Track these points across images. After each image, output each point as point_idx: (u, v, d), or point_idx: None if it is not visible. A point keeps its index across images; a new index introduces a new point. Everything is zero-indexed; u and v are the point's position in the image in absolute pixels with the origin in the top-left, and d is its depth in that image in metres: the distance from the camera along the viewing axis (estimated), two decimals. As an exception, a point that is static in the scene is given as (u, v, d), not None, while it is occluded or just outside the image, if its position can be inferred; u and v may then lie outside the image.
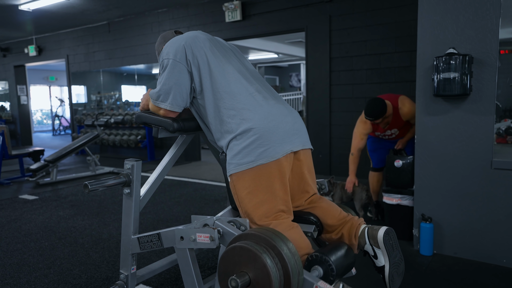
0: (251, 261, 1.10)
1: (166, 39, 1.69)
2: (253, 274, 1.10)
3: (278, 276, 1.09)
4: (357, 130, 3.11)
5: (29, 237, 2.96)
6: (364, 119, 3.03)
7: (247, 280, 1.10)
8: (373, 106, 2.84)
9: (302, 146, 1.44)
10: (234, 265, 1.14)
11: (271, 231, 1.17)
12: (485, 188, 2.34)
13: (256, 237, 1.14)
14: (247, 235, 1.17)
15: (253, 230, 1.18)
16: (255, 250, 1.10)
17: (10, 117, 9.61)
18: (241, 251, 1.12)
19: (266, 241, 1.12)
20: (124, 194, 1.62)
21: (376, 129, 3.07)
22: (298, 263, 1.13)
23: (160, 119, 1.56)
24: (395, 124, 3.00)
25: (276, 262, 1.10)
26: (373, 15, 4.48)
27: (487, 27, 2.24)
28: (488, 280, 2.17)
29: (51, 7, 6.02)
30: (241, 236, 1.18)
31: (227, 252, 1.16)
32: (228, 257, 1.16)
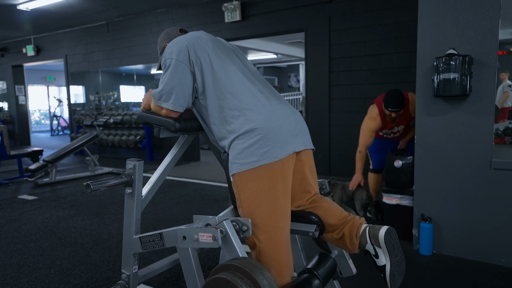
0: None
1: (169, 36, 1.68)
2: None
3: None
4: (366, 127, 3.06)
5: (29, 237, 2.96)
6: (374, 116, 3.01)
7: None
8: (395, 96, 2.84)
9: (304, 147, 1.44)
10: None
11: (253, 263, 1.22)
12: (485, 188, 2.35)
13: (237, 269, 1.20)
14: (229, 266, 1.23)
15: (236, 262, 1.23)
16: (235, 282, 1.16)
17: (8, 117, 9.58)
18: (222, 283, 1.18)
19: (247, 274, 1.18)
20: (126, 194, 1.62)
21: (386, 125, 3.05)
22: None
23: (162, 119, 1.56)
24: (403, 120, 3.01)
25: None
26: (373, 16, 4.49)
27: (487, 28, 2.25)
28: (488, 280, 2.18)
29: (49, 7, 6.01)
30: (224, 267, 1.24)
31: (209, 282, 1.22)
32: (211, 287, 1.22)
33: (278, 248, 1.35)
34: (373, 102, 3.09)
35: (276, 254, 1.35)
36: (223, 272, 1.22)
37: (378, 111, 3.00)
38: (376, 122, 3.02)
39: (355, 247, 1.44)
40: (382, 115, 2.99)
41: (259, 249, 1.36)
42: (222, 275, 1.20)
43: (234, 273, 1.20)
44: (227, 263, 1.24)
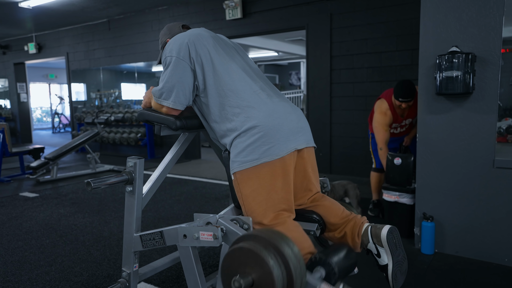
0: (255, 262, 1.10)
1: (171, 31, 1.67)
2: (256, 276, 1.10)
3: (281, 278, 1.08)
4: (379, 123, 3.02)
5: (30, 235, 2.96)
6: (384, 110, 2.98)
7: (250, 281, 1.10)
8: (406, 87, 2.82)
9: (306, 144, 1.43)
10: (238, 266, 1.13)
11: (276, 233, 1.17)
12: (487, 187, 2.33)
13: (260, 239, 1.14)
14: (251, 236, 1.16)
15: (258, 232, 1.17)
16: (260, 252, 1.09)
17: (10, 115, 9.59)
18: (245, 253, 1.12)
19: (271, 243, 1.11)
20: (127, 192, 1.61)
21: (396, 119, 3.04)
22: (301, 266, 1.12)
23: (162, 117, 1.55)
24: (412, 113, 3.00)
25: (280, 264, 1.09)
26: (374, 13, 4.47)
27: (490, 25, 2.23)
28: (490, 279, 2.17)
29: (51, 5, 6.00)
30: (245, 237, 1.18)
31: (231, 252, 1.16)
32: (231, 258, 1.15)
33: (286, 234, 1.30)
34: (381, 97, 3.07)
35: None
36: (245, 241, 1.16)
37: (388, 105, 2.98)
38: (387, 117, 2.99)
39: (357, 247, 1.43)
40: (392, 109, 2.98)
41: None
42: (244, 244, 1.14)
43: (257, 242, 1.13)
44: (248, 233, 1.19)
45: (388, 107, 2.98)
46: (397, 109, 2.96)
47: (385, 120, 3.00)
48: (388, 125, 3.02)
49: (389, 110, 2.98)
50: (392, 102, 2.95)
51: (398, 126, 3.12)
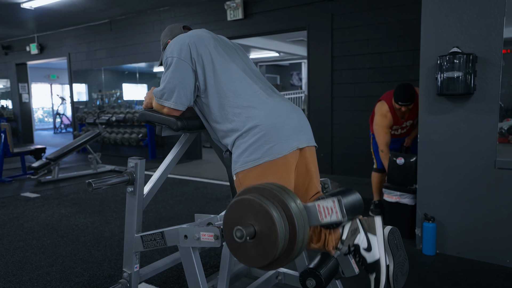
0: (258, 213, 1.08)
1: (172, 32, 1.67)
2: (259, 227, 1.09)
3: (284, 229, 1.08)
4: (379, 126, 3.03)
5: (31, 235, 2.96)
6: (384, 113, 2.99)
7: (252, 231, 1.09)
8: (406, 90, 2.83)
9: (307, 143, 1.43)
10: (241, 217, 1.12)
11: (280, 186, 1.15)
12: (489, 187, 2.33)
13: (264, 191, 1.12)
14: (255, 188, 1.15)
15: (262, 184, 1.16)
16: (264, 203, 1.08)
17: (12, 115, 9.62)
18: (248, 204, 1.10)
19: (275, 196, 1.10)
20: (128, 193, 1.62)
21: (397, 121, 3.04)
22: (304, 218, 1.12)
23: (163, 118, 1.55)
24: (412, 115, 2.99)
25: (282, 216, 1.08)
26: (375, 14, 4.47)
27: (491, 26, 2.23)
28: (492, 280, 2.16)
29: (53, 5, 6.02)
30: (249, 189, 1.16)
31: (234, 203, 1.14)
32: (235, 209, 1.14)
33: None
34: (381, 99, 3.07)
35: None
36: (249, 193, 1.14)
37: (388, 107, 2.98)
38: (387, 119, 3.00)
39: None
40: (392, 111, 2.98)
41: None
42: (248, 195, 1.12)
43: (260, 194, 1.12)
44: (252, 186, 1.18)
45: (389, 109, 2.98)
46: (397, 111, 2.96)
47: (385, 122, 3.00)
48: (388, 128, 3.03)
49: (389, 113, 2.98)
50: (393, 105, 2.96)
51: (399, 128, 3.12)
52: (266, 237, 1.07)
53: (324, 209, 1.13)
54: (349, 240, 1.29)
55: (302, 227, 1.10)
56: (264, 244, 1.08)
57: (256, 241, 1.10)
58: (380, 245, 1.26)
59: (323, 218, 1.13)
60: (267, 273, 1.87)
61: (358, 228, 1.30)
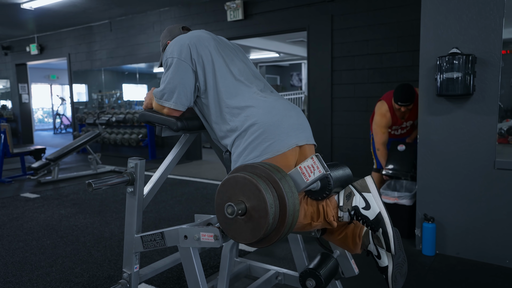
0: (249, 191, 1.11)
1: (172, 33, 1.68)
2: (250, 204, 1.11)
3: (274, 207, 1.10)
4: (377, 125, 3.05)
5: (31, 236, 2.97)
6: (384, 112, 3.00)
7: (243, 208, 1.11)
8: (406, 91, 2.85)
9: (306, 141, 1.43)
10: (232, 194, 1.15)
11: (273, 166, 1.18)
12: (488, 188, 2.33)
13: (256, 169, 1.15)
14: (247, 166, 1.17)
15: (255, 163, 1.18)
16: (255, 181, 1.10)
17: (12, 116, 9.61)
18: (240, 181, 1.13)
19: (267, 174, 1.13)
20: (128, 193, 1.62)
21: (396, 121, 3.05)
22: (295, 197, 1.14)
23: (163, 118, 1.56)
24: (412, 116, 3.00)
25: (273, 195, 1.11)
26: (375, 15, 4.47)
27: (491, 27, 2.23)
28: (491, 281, 2.16)
29: (53, 6, 6.02)
30: (242, 167, 1.18)
31: (226, 181, 1.16)
32: (227, 186, 1.16)
33: None
34: (381, 99, 3.08)
35: None
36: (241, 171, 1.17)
37: (388, 107, 2.99)
38: (386, 119, 3.01)
39: (358, 248, 1.43)
40: (392, 111, 2.99)
41: None
42: (240, 173, 1.14)
43: (253, 172, 1.15)
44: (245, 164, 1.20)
45: (388, 109, 2.99)
46: (397, 112, 2.96)
47: (384, 122, 3.02)
48: (386, 127, 3.04)
49: (389, 112, 2.99)
50: (392, 105, 2.96)
51: (399, 128, 3.13)
52: (257, 212, 1.10)
53: (306, 169, 1.17)
54: (346, 204, 1.32)
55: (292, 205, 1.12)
56: (255, 219, 1.11)
57: (246, 218, 1.12)
58: (377, 200, 1.29)
59: (307, 178, 1.16)
60: (267, 274, 1.88)
61: (352, 191, 1.33)
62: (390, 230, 1.26)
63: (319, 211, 1.34)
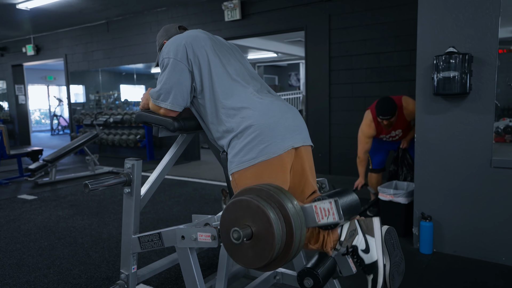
0: (255, 215, 1.08)
1: (168, 33, 1.67)
2: (256, 228, 1.08)
3: (281, 230, 1.08)
4: (362, 134, 3.12)
5: (28, 237, 2.95)
6: (368, 122, 3.04)
7: (249, 232, 1.09)
8: (386, 105, 2.88)
9: (303, 142, 1.43)
10: (238, 218, 1.12)
11: (277, 187, 1.15)
12: (485, 186, 2.34)
13: (261, 192, 1.12)
14: (252, 189, 1.15)
15: (259, 185, 1.16)
16: (260, 204, 1.08)
17: (8, 117, 9.58)
18: (245, 205, 1.10)
19: (271, 196, 1.10)
20: (125, 194, 1.61)
21: (381, 131, 3.07)
22: (301, 219, 1.11)
23: (160, 118, 1.55)
24: (399, 125, 3.01)
25: (279, 217, 1.08)
26: (373, 14, 4.48)
27: (487, 26, 2.24)
28: (488, 278, 2.17)
29: (49, 6, 6.00)
30: (246, 190, 1.16)
31: (232, 204, 1.14)
32: (232, 210, 1.14)
33: None
34: (369, 108, 3.12)
35: None
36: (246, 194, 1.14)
37: (372, 118, 3.03)
38: (370, 129, 3.06)
39: None
40: (376, 122, 3.02)
41: None
42: (245, 197, 1.12)
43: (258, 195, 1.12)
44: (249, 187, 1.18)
45: (372, 119, 3.03)
46: (381, 123, 3.00)
47: (368, 132, 3.07)
48: (369, 137, 3.09)
49: (373, 123, 3.03)
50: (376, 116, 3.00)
51: (389, 136, 3.15)
52: (263, 238, 1.07)
53: (321, 210, 1.13)
54: (347, 241, 1.30)
55: (299, 228, 1.10)
56: (261, 245, 1.08)
57: (253, 242, 1.09)
58: (378, 247, 1.27)
59: (320, 220, 1.13)
60: (265, 273, 1.87)
61: (357, 229, 1.30)
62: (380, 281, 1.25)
63: (319, 238, 1.33)
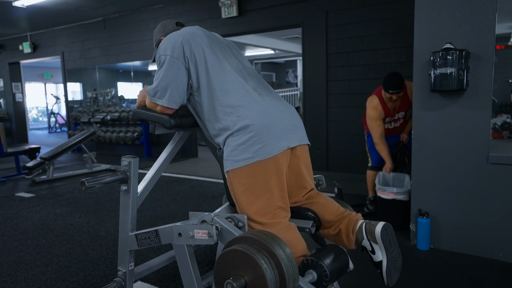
0: (247, 265, 1.11)
1: (165, 29, 1.67)
2: (249, 278, 1.11)
3: (274, 281, 1.10)
4: (371, 119, 3.07)
5: (26, 235, 2.95)
6: (375, 105, 3.04)
7: (243, 283, 1.11)
8: (395, 78, 2.89)
9: (299, 142, 1.43)
10: (231, 268, 1.15)
11: (269, 235, 1.18)
12: (482, 183, 2.35)
13: (254, 241, 1.15)
14: (244, 238, 1.18)
15: (251, 234, 1.18)
16: (252, 254, 1.10)
17: (5, 115, 9.54)
18: (238, 255, 1.13)
19: (264, 246, 1.13)
20: (122, 191, 1.61)
21: (388, 113, 3.08)
22: (294, 269, 1.14)
23: (157, 116, 1.55)
24: (403, 106, 3.05)
25: (273, 267, 1.11)
26: (370, 11, 4.47)
27: (484, 22, 2.24)
28: (485, 274, 2.18)
29: (45, 3, 5.96)
30: (238, 239, 1.19)
31: (224, 254, 1.17)
32: (225, 260, 1.17)
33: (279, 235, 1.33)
34: (372, 94, 3.12)
35: None
36: (239, 244, 1.17)
37: (379, 100, 3.04)
38: (378, 111, 3.04)
39: (352, 243, 1.43)
40: (383, 103, 3.03)
41: None
42: (237, 247, 1.15)
43: (249, 245, 1.15)
44: (242, 235, 1.20)
45: (379, 102, 3.04)
46: (388, 102, 3.01)
47: (376, 114, 3.05)
48: (380, 120, 3.06)
49: (380, 105, 3.04)
50: (383, 97, 3.01)
51: (392, 121, 3.14)
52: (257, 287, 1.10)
53: None
54: None
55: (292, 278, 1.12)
56: None
57: None
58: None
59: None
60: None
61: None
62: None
63: None
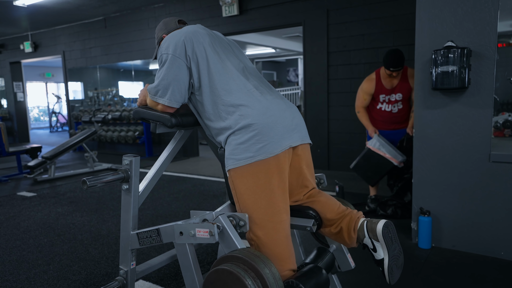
0: (233, 284, 1.14)
1: (167, 26, 1.67)
2: None
3: None
4: (360, 90, 3.19)
5: (28, 234, 2.96)
6: (369, 79, 3.12)
7: None
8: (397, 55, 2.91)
9: (301, 141, 1.43)
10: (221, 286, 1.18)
11: (257, 255, 1.21)
12: (483, 181, 2.34)
13: (241, 260, 1.18)
14: (232, 257, 1.21)
15: (239, 253, 1.21)
16: (238, 273, 1.14)
17: (7, 114, 9.56)
18: (225, 275, 1.17)
19: (251, 266, 1.16)
20: (123, 190, 1.61)
21: (380, 90, 3.10)
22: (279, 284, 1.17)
23: (158, 115, 1.55)
24: (400, 88, 3.06)
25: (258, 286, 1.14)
26: (371, 9, 4.46)
27: (486, 19, 2.23)
28: (487, 273, 2.18)
29: (46, 3, 5.97)
30: (226, 258, 1.22)
31: (212, 273, 1.20)
32: (212, 279, 1.20)
33: (277, 242, 1.35)
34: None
35: (276, 248, 1.34)
36: (225, 263, 1.20)
37: (375, 74, 3.12)
38: (369, 85, 3.12)
39: (353, 241, 1.43)
40: (378, 77, 3.09)
41: (257, 244, 1.35)
42: (224, 266, 1.18)
43: (236, 264, 1.18)
44: (228, 254, 1.22)
45: (375, 76, 3.12)
46: (386, 79, 3.06)
47: (368, 87, 3.13)
48: (369, 95, 3.15)
49: (374, 80, 3.11)
50: (381, 74, 3.07)
51: (388, 102, 3.14)
52: None
53: None
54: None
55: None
56: None
57: None
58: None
59: None
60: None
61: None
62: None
63: None
